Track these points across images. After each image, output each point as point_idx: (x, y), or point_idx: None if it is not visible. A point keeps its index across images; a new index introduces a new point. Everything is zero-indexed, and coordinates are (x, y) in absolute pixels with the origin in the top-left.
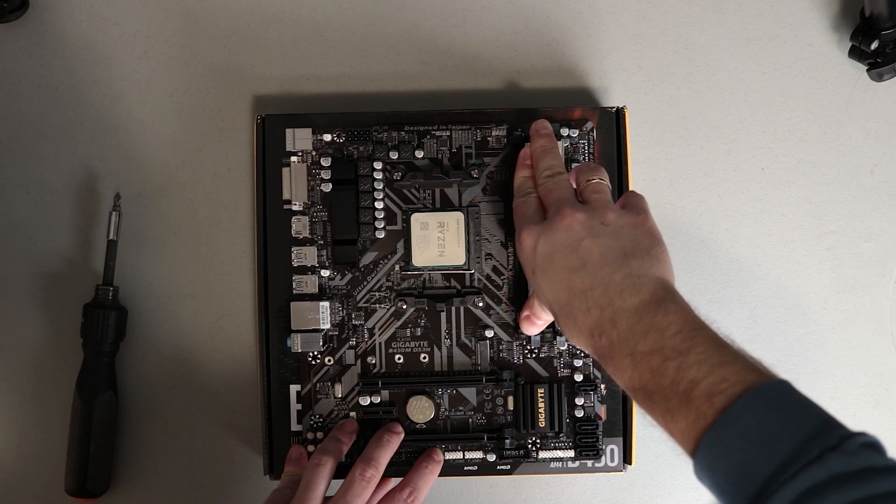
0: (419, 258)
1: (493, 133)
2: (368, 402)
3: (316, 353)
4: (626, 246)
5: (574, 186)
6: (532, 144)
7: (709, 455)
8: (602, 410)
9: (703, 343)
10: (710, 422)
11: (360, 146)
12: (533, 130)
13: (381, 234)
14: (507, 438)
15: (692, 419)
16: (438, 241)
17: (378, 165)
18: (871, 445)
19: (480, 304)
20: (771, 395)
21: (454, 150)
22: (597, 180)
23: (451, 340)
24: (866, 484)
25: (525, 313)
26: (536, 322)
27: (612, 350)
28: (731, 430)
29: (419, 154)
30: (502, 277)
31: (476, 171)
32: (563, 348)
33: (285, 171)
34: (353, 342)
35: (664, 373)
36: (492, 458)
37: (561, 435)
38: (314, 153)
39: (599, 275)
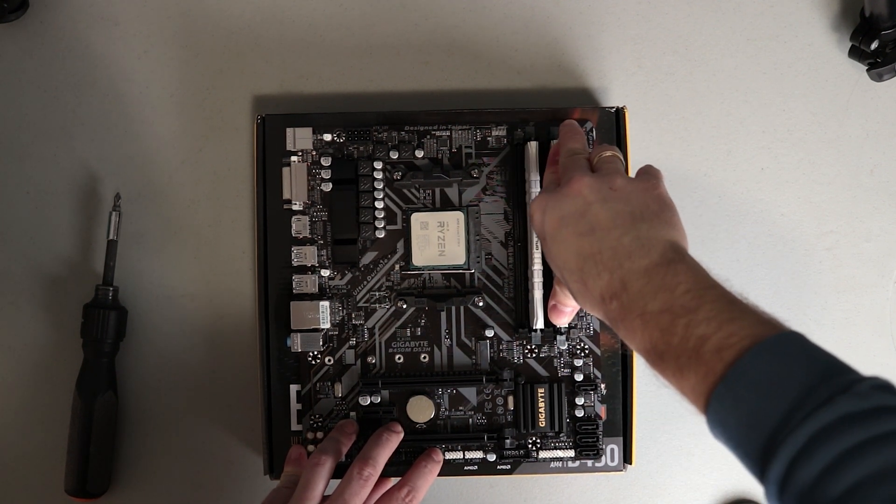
0: (419, 258)
1: (493, 133)
2: (368, 402)
3: (316, 352)
4: (634, 210)
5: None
6: (559, 133)
7: (720, 409)
8: (602, 410)
9: (713, 300)
10: (720, 376)
11: (361, 146)
12: (561, 126)
13: (381, 234)
14: (508, 438)
15: (702, 375)
16: (438, 240)
17: (378, 165)
18: (884, 387)
19: (480, 304)
20: (780, 345)
21: (454, 150)
22: (610, 153)
23: (451, 340)
24: (877, 423)
25: (551, 303)
26: (564, 310)
27: (623, 313)
28: (740, 383)
29: (419, 154)
30: (502, 277)
31: (476, 170)
32: (564, 348)
33: (285, 170)
34: (353, 342)
35: (674, 331)
36: (492, 457)
37: (561, 435)
38: (314, 153)
39: (608, 238)
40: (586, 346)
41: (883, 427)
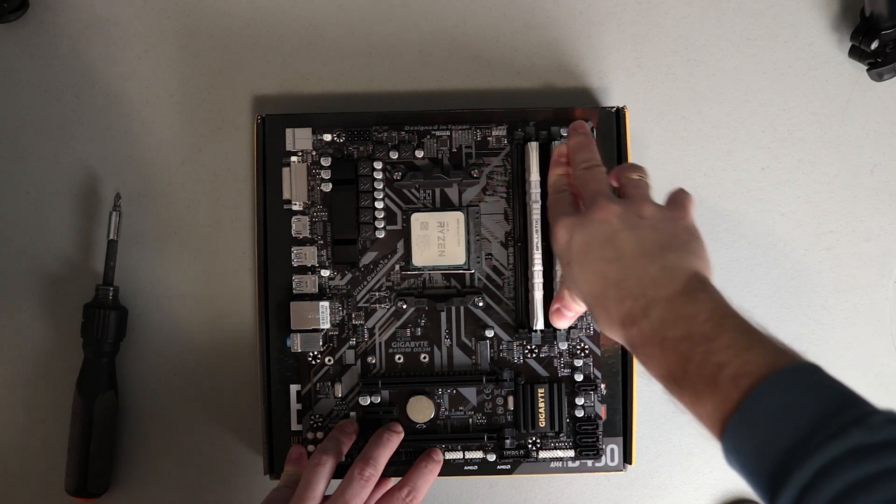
0: (419, 258)
1: (493, 133)
2: (368, 402)
3: (316, 352)
4: (662, 239)
5: (614, 184)
6: (569, 141)
7: (735, 437)
8: (602, 410)
9: (732, 329)
10: (736, 404)
11: (361, 146)
12: (571, 129)
13: (381, 234)
14: (507, 438)
15: (718, 402)
16: (438, 240)
17: (378, 165)
18: None
19: (480, 304)
20: (796, 375)
21: (454, 150)
22: (637, 177)
23: (451, 340)
24: (888, 455)
25: (555, 306)
26: (567, 314)
27: (643, 339)
28: (755, 411)
29: (419, 154)
30: (502, 277)
31: (476, 171)
32: (564, 348)
33: (285, 171)
34: (353, 342)
35: (691, 358)
36: (492, 457)
37: (561, 435)
38: (314, 153)
39: (635, 266)
40: (586, 347)
41: (893, 460)
